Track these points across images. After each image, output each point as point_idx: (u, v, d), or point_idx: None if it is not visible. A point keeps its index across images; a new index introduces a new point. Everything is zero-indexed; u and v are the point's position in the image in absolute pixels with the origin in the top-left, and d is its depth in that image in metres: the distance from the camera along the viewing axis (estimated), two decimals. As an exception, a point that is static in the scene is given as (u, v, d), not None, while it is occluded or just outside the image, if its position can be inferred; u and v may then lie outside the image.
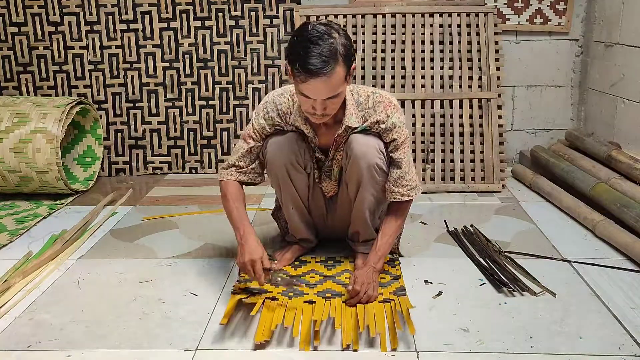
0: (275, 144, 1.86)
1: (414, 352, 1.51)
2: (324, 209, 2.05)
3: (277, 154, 1.85)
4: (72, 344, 1.57)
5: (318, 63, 1.58)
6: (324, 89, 1.62)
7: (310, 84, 1.61)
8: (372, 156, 1.80)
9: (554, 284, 1.84)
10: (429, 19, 3.04)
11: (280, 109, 1.86)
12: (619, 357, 1.48)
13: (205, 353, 1.52)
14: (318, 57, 1.58)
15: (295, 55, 1.61)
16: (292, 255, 2.06)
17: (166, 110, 3.24)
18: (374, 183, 1.85)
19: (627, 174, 2.46)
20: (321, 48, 1.59)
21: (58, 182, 2.74)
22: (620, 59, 2.86)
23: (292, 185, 1.92)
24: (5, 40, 3.18)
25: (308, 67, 1.58)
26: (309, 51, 1.58)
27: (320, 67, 1.58)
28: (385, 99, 1.83)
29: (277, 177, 1.90)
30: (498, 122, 2.95)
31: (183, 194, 2.90)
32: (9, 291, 1.85)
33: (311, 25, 1.63)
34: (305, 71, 1.59)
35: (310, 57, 1.58)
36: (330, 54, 1.59)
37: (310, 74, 1.59)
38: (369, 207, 1.91)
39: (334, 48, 1.60)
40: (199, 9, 3.14)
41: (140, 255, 2.16)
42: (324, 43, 1.59)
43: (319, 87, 1.61)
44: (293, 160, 1.86)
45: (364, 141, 1.80)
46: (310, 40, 1.59)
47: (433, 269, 1.99)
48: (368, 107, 1.82)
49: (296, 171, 1.89)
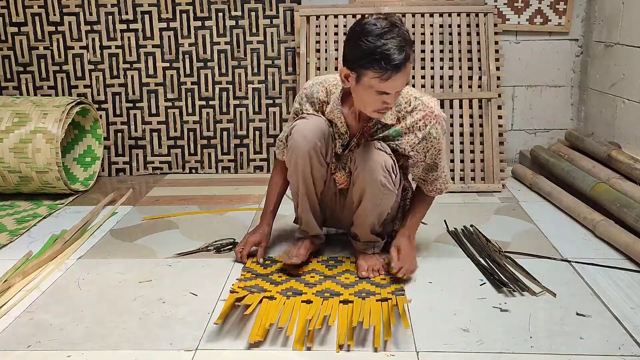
0: (299, 131, 1.82)
1: (414, 352, 1.51)
2: (335, 199, 2.02)
3: (301, 140, 1.81)
4: (72, 344, 1.57)
5: (402, 56, 1.57)
6: (404, 79, 1.62)
7: (395, 79, 1.60)
8: (377, 174, 1.78)
9: (554, 284, 1.84)
10: (429, 19, 3.04)
11: (317, 97, 1.87)
12: (619, 357, 1.48)
13: (205, 353, 1.52)
14: (400, 49, 1.57)
15: (374, 56, 1.57)
16: (306, 252, 2.00)
17: (166, 110, 3.24)
18: (377, 198, 1.84)
19: (627, 174, 2.46)
20: (399, 40, 1.58)
21: (58, 182, 2.74)
22: (620, 59, 2.86)
23: (311, 175, 1.88)
24: (5, 40, 3.18)
25: (394, 63, 1.57)
26: (389, 47, 1.56)
27: (405, 59, 1.58)
28: (427, 108, 1.80)
29: (297, 164, 1.85)
30: (498, 122, 2.95)
31: (183, 194, 2.90)
32: (9, 291, 1.85)
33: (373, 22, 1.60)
34: (392, 67, 1.57)
35: (393, 52, 1.56)
36: (406, 42, 1.59)
37: (398, 68, 1.57)
38: (369, 217, 1.90)
39: (407, 36, 1.60)
40: (199, 9, 3.14)
41: (140, 255, 2.16)
42: (397, 35, 1.58)
43: (400, 79, 1.61)
44: (317, 148, 1.82)
45: (374, 157, 1.78)
46: (383, 36, 1.57)
47: (433, 269, 1.99)
48: (407, 111, 1.81)
49: (318, 160, 1.85)
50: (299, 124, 1.83)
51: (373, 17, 1.64)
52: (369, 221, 1.92)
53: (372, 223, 1.93)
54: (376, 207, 1.87)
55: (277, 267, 2.00)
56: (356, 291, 1.82)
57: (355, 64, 1.62)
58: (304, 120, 1.84)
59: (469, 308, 1.73)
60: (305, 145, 1.81)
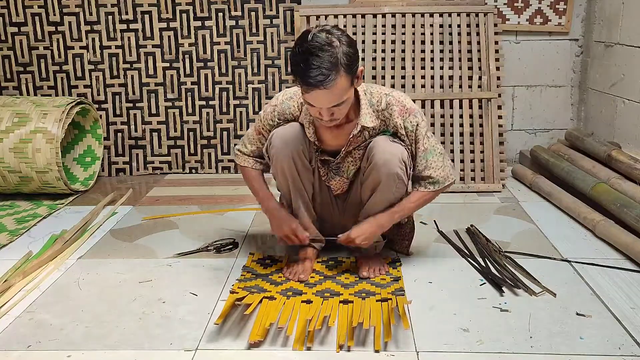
0: (280, 137, 1.83)
1: (414, 352, 1.51)
2: (332, 207, 2.03)
3: (282, 147, 1.83)
4: (72, 344, 1.57)
5: (318, 77, 1.55)
6: (327, 99, 1.61)
7: (312, 95, 1.60)
8: (393, 165, 1.78)
9: (554, 284, 1.84)
10: (429, 19, 3.04)
11: (290, 113, 1.87)
12: (619, 357, 1.48)
13: (205, 353, 1.52)
14: (317, 69, 1.55)
15: (296, 67, 1.59)
16: (311, 265, 1.98)
17: (166, 110, 3.24)
18: (390, 192, 1.84)
19: (627, 174, 2.46)
20: (321, 60, 1.56)
21: (58, 182, 2.74)
22: (620, 59, 2.86)
23: (300, 179, 1.89)
24: (5, 40, 3.18)
25: (308, 81, 1.57)
26: (308, 64, 1.56)
27: (320, 81, 1.56)
28: (398, 102, 1.81)
29: (284, 170, 1.86)
30: (498, 122, 2.95)
31: (183, 194, 2.90)
32: (9, 291, 1.85)
33: (311, 34, 1.59)
34: (305, 84, 1.58)
35: (309, 70, 1.56)
36: (330, 65, 1.56)
37: (310, 86, 1.57)
38: (379, 211, 1.89)
39: (334, 59, 1.57)
40: (199, 9, 3.14)
41: (140, 255, 2.16)
42: (325, 54, 1.56)
43: (321, 97, 1.60)
44: (300, 151, 1.84)
45: (389, 149, 1.78)
46: (310, 51, 1.57)
47: (433, 269, 1.99)
48: (382, 109, 1.81)
49: (302, 163, 1.86)
50: (278, 131, 1.85)
51: (317, 29, 1.62)
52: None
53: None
54: (387, 201, 1.87)
55: (277, 267, 2.00)
56: (356, 291, 1.82)
57: (290, 68, 1.64)
58: (282, 127, 1.86)
59: (469, 308, 1.73)
60: (287, 150, 1.83)
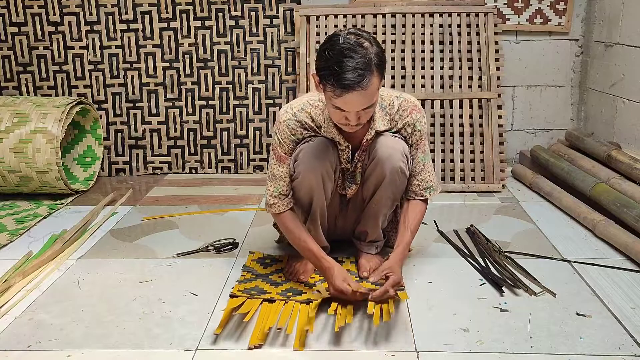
0: (309, 154, 1.77)
1: (414, 352, 1.51)
2: (338, 210, 2.01)
3: (313, 164, 1.77)
4: (72, 344, 1.57)
5: (354, 77, 1.54)
6: (360, 101, 1.59)
7: (346, 98, 1.57)
8: (396, 159, 1.79)
9: (554, 284, 1.84)
10: (429, 19, 3.04)
11: (306, 123, 1.80)
12: (619, 357, 1.48)
13: (205, 353, 1.52)
14: (353, 71, 1.54)
15: (329, 71, 1.56)
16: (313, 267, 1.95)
17: (166, 110, 3.24)
18: (393, 186, 1.84)
19: (627, 174, 2.46)
20: (355, 61, 1.54)
21: (58, 182, 2.74)
22: (620, 59, 2.86)
23: (324, 194, 1.85)
24: (5, 40, 3.18)
25: (344, 83, 1.54)
26: (343, 65, 1.54)
27: (357, 82, 1.54)
28: (410, 104, 1.82)
29: (312, 187, 1.80)
30: (498, 122, 2.95)
31: (183, 194, 2.90)
32: (9, 291, 1.85)
33: (342, 36, 1.58)
34: (341, 87, 1.55)
35: (345, 71, 1.54)
36: (365, 65, 1.55)
37: (347, 88, 1.55)
38: (383, 208, 1.90)
39: (368, 59, 1.56)
40: (199, 9, 3.14)
41: (140, 255, 2.16)
42: (358, 55, 1.55)
43: (355, 100, 1.58)
44: (329, 168, 1.81)
45: (391, 144, 1.79)
46: (343, 53, 1.55)
47: (433, 269, 1.99)
48: (393, 112, 1.82)
49: (329, 178, 1.83)
50: (306, 147, 1.79)
51: (346, 31, 1.61)
52: (382, 212, 1.92)
53: (384, 214, 1.94)
54: (390, 197, 1.87)
55: (277, 267, 2.00)
56: (356, 291, 1.82)
57: (318, 72, 1.62)
58: (309, 143, 1.80)
59: (469, 308, 1.73)
60: (318, 166, 1.78)
